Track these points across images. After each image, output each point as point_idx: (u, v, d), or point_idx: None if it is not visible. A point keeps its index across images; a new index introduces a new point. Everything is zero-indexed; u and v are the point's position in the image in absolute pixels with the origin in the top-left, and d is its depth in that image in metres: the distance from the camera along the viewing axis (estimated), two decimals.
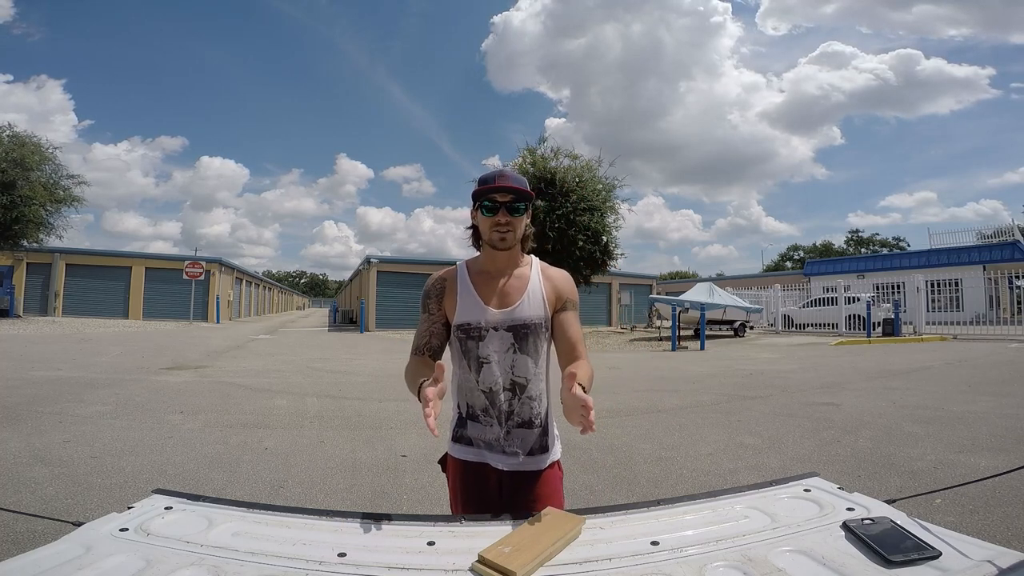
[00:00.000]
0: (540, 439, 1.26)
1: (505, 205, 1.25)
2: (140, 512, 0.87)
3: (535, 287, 1.30)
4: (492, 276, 1.31)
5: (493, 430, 1.25)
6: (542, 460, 1.26)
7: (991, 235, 24.92)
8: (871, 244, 53.07)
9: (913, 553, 0.69)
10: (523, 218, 1.29)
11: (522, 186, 1.26)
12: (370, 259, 23.79)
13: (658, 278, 37.61)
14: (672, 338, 14.10)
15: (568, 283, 1.35)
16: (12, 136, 18.46)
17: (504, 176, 1.25)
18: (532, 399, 1.26)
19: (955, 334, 15.23)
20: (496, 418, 1.25)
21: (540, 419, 1.27)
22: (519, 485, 1.24)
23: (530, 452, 1.25)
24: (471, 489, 1.27)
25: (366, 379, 8.02)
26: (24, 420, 4.70)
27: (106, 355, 10.09)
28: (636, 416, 5.31)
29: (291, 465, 3.70)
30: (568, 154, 16.07)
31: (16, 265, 22.37)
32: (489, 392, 1.25)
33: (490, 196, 1.25)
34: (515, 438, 1.25)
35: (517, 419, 1.25)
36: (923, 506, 2.76)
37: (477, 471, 1.27)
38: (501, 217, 1.25)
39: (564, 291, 1.32)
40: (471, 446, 1.28)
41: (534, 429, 1.26)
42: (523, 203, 1.27)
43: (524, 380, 1.25)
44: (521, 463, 1.25)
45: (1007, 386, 6.77)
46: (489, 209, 1.26)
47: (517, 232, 1.28)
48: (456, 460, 1.30)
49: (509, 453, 1.24)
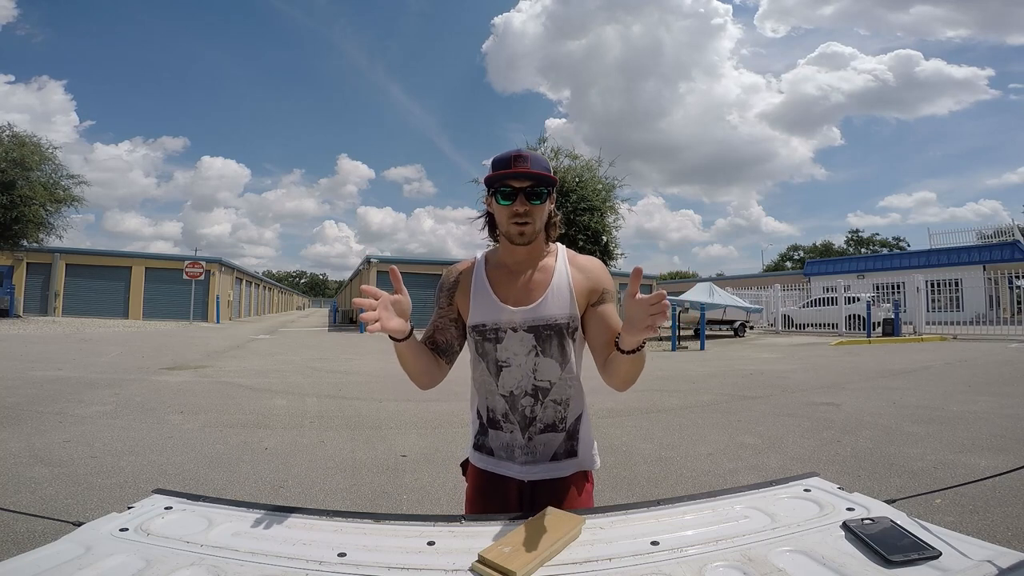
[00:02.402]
0: (566, 443, 1.15)
1: (524, 191, 1.08)
2: (140, 512, 0.87)
3: (561, 280, 1.13)
4: (511, 270, 1.16)
5: (515, 437, 1.15)
6: (567, 466, 1.15)
7: (991, 235, 24.88)
8: (871, 244, 53.06)
9: (913, 553, 0.69)
10: (545, 205, 1.12)
11: (543, 169, 1.09)
12: (370, 259, 23.81)
13: (658, 278, 37.63)
14: (672, 338, 14.11)
15: (602, 272, 1.17)
16: (12, 136, 18.49)
17: (522, 158, 1.08)
18: (557, 403, 1.14)
19: (955, 334, 15.24)
20: (518, 424, 1.14)
21: (566, 423, 1.15)
22: (542, 495, 1.11)
23: (554, 457, 1.14)
24: (490, 500, 1.16)
25: (366, 379, 8.02)
26: (24, 420, 4.70)
27: (106, 355, 10.09)
28: (636, 416, 5.31)
29: (291, 465, 3.70)
30: (568, 154, 16.15)
31: (16, 265, 22.38)
32: (510, 396, 1.14)
33: (506, 182, 1.09)
34: (538, 444, 1.14)
35: (540, 424, 1.14)
36: (923, 506, 2.75)
37: (497, 483, 1.17)
38: (519, 206, 1.08)
39: (600, 281, 1.15)
40: (492, 456, 1.18)
41: (559, 432, 1.14)
42: (545, 188, 1.10)
43: (548, 384, 1.13)
44: (544, 470, 1.14)
45: (1007, 386, 6.77)
46: (506, 196, 1.09)
47: (538, 222, 1.11)
48: (476, 468, 1.21)
49: (531, 461, 1.14)
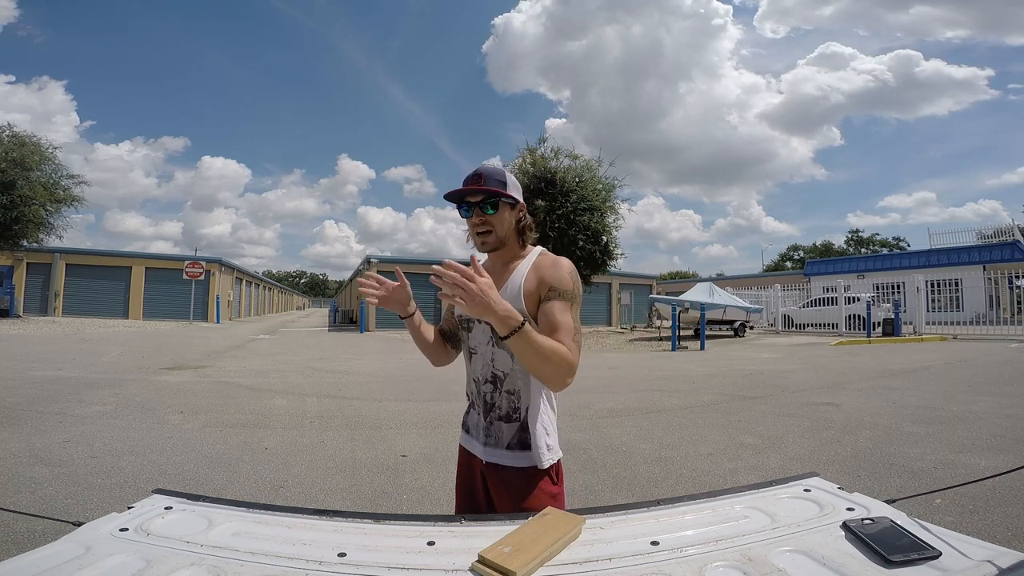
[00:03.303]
0: (519, 435, 1.22)
1: (478, 205, 1.22)
2: (140, 512, 0.87)
3: (516, 279, 1.23)
4: (491, 271, 1.28)
5: (480, 419, 1.28)
6: (521, 458, 1.21)
7: (991, 235, 24.87)
8: (871, 244, 53.05)
9: (913, 553, 0.69)
10: (502, 214, 1.24)
11: (491, 184, 1.20)
12: (370, 259, 23.79)
13: (658, 278, 37.62)
14: (672, 338, 14.11)
15: (554, 269, 1.21)
16: (12, 136, 18.46)
17: (477, 176, 1.21)
18: (511, 393, 1.23)
19: (955, 334, 15.24)
20: (481, 408, 1.27)
21: (519, 415, 1.23)
22: (498, 479, 1.22)
23: (508, 447, 1.22)
24: (462, 475, 1.32)
25: (366, 379, 8.02)
26: (24, 420, 4.70)
27: (106, 355, 10.09)
28: (636, 416, 5.31)
29: (291, 465, 3.70)
30: (568, 154, 16.11)
31: (16, 265, 22.37)
32: (477, 382, 1.28)
33: (462, 200, 1.23)
34: (495, 430, 1.24)
35: (498, 412, 1.24)
36: (923, 506, 2.76)
37: (469, 460, 1.31)
38: (476, 218, 1.23)
39: (547, 278, 1.20)
40: (468, 434, 1.33)
41: (512, 423, 1.23)
42: (496, 199, 1.21)
43: (502, 374, 1.24)
44: (499, 456, 1.23)
45: (1007, 386, 6.77)
46: (466, 210, 1.24)
47: (499, 230, 1.24)
48: (460, 445, 1.36)
49: (490, 445, 1.25)
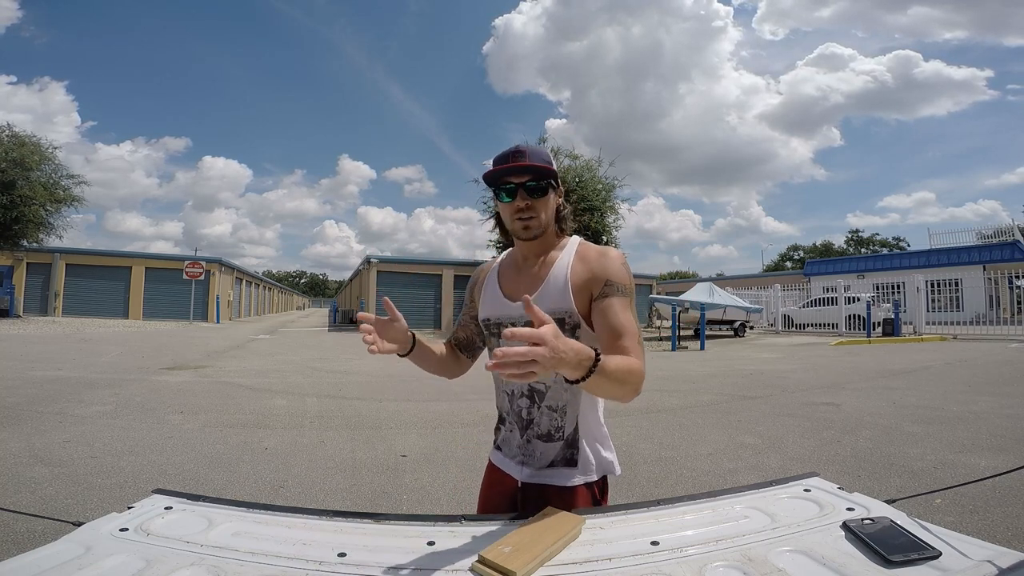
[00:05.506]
0: (563, 452, 1.09)
1: (524, 186, 1.07)
2: (140, 512, 0.87)
3: (559, 273, 1.08)
4: (519, 266, 1.16)
5: (515, 436, 1.14)
6: (566, 475, 1.09)
7: (991, 235, 24.87)
8: (871, 244, 53.05)
9: (913, 553, 0.69)
10: (549, 198, 1.10)
11: (543, 161, 1.08)
12: (370, 259, 23.77)
13: (658, 278, 37.59)
14: (672, 338, 14.10)
15: (608, 261, 1.06)
16: (12, 136, 18.48)
17: (519, 152, 1.07)
18: (554, 410, 1.09)
19: (955, 334, 15.24)
20: (517, 425, 1.14)
21: (563, 432, 1.09)
22: (536, 500, 1.05)
23: (551, 464, 1.10)
24: (492, 495, 1.18)
25: (366, 379, 8.02)
26: (24, 420, 4.70)
27: (106, 355, 10.09)
28: (636, 416, 5.31)
29: (291, 465, 3.70)
30: (568, 154, 16.15)
31: (16, 265, 22.37)
32: (510, 395, 1.15)
33: (505, 178, 1.07)
34: (534, 449, 1.11)
35: (536, 429, 1.11)
36: (923, 506, 2.75)
37: (500, 479, 1.17)
38: (520, 201, 1.07)
39: (601, 271, 1.05)
40: (499, 451, 1.20)
41: (554, 443, 1.10)
42: (546, 181, 1.09)
43: (543, 387, 1.09)
44: (538, 475, 1.10)
45: (1007, 386, 6.77)
46: (508, 193, 1.08)
47: (543, 216, 1.09)
48: (489, 461, 1.23)
49: (527, 464, 1.12)
